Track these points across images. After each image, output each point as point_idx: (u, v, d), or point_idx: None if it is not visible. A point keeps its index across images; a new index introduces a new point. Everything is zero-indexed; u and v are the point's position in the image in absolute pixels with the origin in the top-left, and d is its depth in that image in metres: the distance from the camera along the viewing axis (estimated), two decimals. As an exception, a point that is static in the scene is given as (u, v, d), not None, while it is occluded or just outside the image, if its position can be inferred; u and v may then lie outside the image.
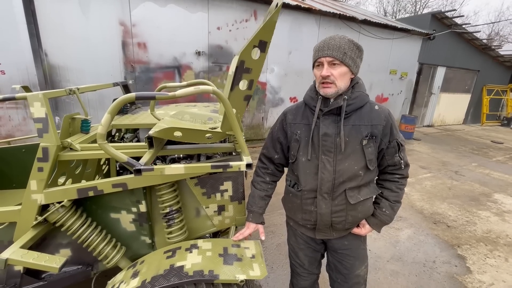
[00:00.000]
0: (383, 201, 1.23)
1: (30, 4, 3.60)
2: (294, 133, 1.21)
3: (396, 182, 1.21)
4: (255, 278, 1.10)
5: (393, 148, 1.14)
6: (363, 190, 1.18)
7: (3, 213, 1.17)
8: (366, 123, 1.10)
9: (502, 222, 3.26)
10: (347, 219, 1.19)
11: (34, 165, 1.14)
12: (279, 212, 3.18)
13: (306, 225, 1.29)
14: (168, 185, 1.29)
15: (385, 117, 1.12)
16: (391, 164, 1.18)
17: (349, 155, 1.11)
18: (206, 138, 1.13)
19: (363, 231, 1.26)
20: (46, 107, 1.14)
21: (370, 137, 1.10)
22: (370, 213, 1.24)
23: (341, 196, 1.15)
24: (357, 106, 1.11)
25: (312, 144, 1.15)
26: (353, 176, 1.13)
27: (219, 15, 4.90)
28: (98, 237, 1.29)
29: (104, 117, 0.86)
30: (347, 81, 1.09)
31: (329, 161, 1.13)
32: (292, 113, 1.25)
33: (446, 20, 8.20)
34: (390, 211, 1.22)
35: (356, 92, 1.12)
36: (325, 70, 1.05)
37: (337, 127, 1.11)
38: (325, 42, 1.06)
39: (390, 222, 1.25)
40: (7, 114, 3.84)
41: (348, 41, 1.05)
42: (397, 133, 1.15)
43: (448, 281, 2.23)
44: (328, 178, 1.13)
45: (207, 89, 0.93)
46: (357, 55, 1.08)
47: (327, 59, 1.04)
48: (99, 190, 1.20)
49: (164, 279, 1.07)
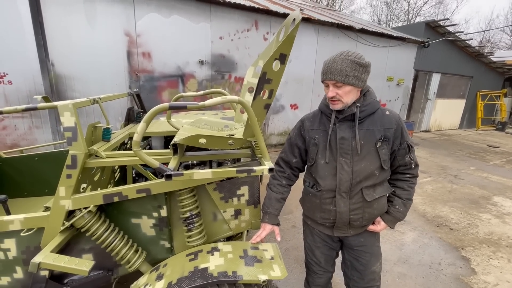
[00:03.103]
0: (396, 199, 1.32)
1: (38, 16, 3.68)
2: (312, 138, 1.31)
3: (407, 181, 1.30)
4: (276, 278, 1.14)
5: (403, 149, 1.23)
6: (378, 189, 1.27)
7: (32, 219, 1.21)
8: (379, 127, 1.20)
9: (502, 224, 3.33)
10: (364, 216, 1.27)
11: (63, 172, 1.19)
12: (285, 217, 3.23)
13: (325, 223, 1.36)
14: (188, 190, 1.34)
15: (395, 121, 1.22)
16: (402, 164, 1.27)
17: (365, 156, 1.21)
18: (228, 144, 1.19)
19: (379, 228, 1.34)
20: (75, 116, 1.20)
21: (384, 140, 1.20)
22: (385, 210, 1.32)
23: (358, 194, 1.24)
24: (369, 112, 1.21)
25: (330, 148, 1.25)
26: (369, 175, 1.22)
27: (221, 26, 5.04)
28: (121, 242, 1.32)
29: (140, 126, 0.92)
30: (354, 95, 1.19)
31: (347, 162, 1.22)
32: (310, 120, 1.35)
33: (440, 28, 8.47)
34: (403, 208, 1.31)
35: (367, 100, 1.22)
36: (330, 92, 1.17)
37: (352, 131, 1.21)
38: (328, 65, 1.16)
39: (403, 218, 1.33)
40: (13, 123, 3.87)
41: (350, 62, 1.12)
42: (407, 136, 1.24)
43: (454, 282, 2.28)
44: (346, 178, 1.22)
45: (233, 99, 1.00)
46: (361, 71, 1.15)
47: (331, 82, 1.16)
48: (124, 196, 1.25)
49: (190, 280, 1.11)
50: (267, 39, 5.63)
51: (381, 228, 1.34)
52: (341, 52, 1.17)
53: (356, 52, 1.18)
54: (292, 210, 3.41)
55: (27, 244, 1.26)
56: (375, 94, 1.26)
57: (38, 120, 3.99)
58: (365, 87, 1.24)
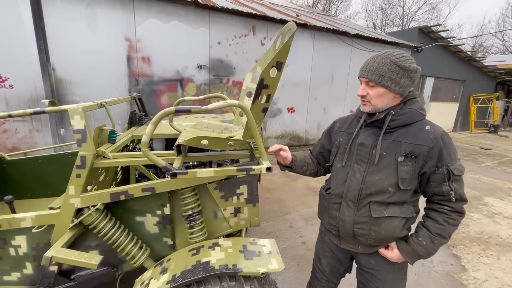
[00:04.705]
0: (422, 230, 1.10)
1: (40, 21, 3.76)
2: (336, 139, 1.28)
3: (443, 214, 1.06)
4: (274, 271, 1.22)
5: (440, 174, 1.02)
6: (391, 208, 1.10)
7: (43, 216, 1.27)
8: (409, 141, 1.04)
9: (493, 223, 3.44)
10: (370, 234, 1.14)
11: (72, 172, 1.26)
12: (283, 218, 3.30)
13: (331, 230, 1.29)
14: (191, 189, 1.42)
15: (434, 138, 1.02)
16: (439, 193, 1.06)
17: (382, 169, 1.08)
18: (228, 145, 1.27)
19: (390, 255, 1.15)
20: (84, 119, 1.27)
21: (408, 156, 1.03)
22: (397, 235, 1.12)
23: (366, 207, 1.12)
24: (403, 123, 1.06)
25: (349, 152, 1.18)
26: (381, 191, 1.09)
27: (219, 31, 5.15)
28: (126, 239, 1.39)
29: (148, 128, 1.00)
30: (387, 100, 1.07)
31: (360, 170, 1.13)
32: (341, 122, 1.33)
33: (432, 34, 8.69)
34: (427, 243, 1.07)
35: (406, 109, 1.07)
36: (361, 90, 1.10)
37: (375, 139, 1.10)
38: (367, 61, 1.08)
39: (426, 256, 1.09)
40: (14, 126, 3.92)
41: (390, 63, 1.01)
42: (449, 159, 1.02)
43: (446, 278, 2.37)
44: (355, 186, 1.14)
45: (234, 103, 1.08)
46: (401, 75, 1.02)
47: (364, 80, 1.08)
48: (130, 194, 1.32)
49: (193, 273, 1.18)
50: (264, 44, 5.76)
51: (393, 257, 1.14)
52: (386, 51, 1.06)
53: (404, 53, 1.05)
54: (290, 211, 3.48)
55: (37, 241, 1.33)
56: (422, 105, 1.09)
57: (38, 123, 4.04)
58: (409, 94, 1.09)
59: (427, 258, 1.11)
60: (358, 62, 7.35)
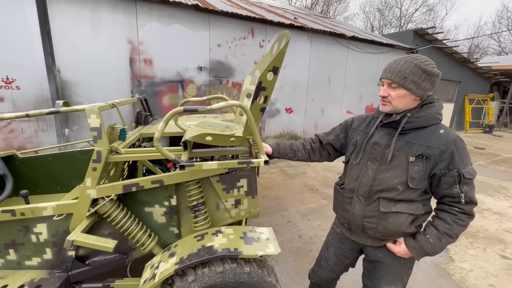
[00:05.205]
0: (430, 228, 1.16)
1: (46, 25, 3.88)
2: (353, 137, 1.35)
3: (453, 214, 1.11)
4: (271, 253, 1.36)
5: (451, 177, 1.07)
6: (400, 204, 1.16)
7: (63, 206, 1.41)
8: (422, 144, 1.10)
9: (482, 218, 3.59)
10: (377, 228, 1.21)
11: (89, 165, 1.39)
12: (281, 213, 3.44)
13: (344, 223, 1.38)
14: (195, 182, 1.56)
15: (446, 142, 1.07)
16: (449, 195, 1.11)
17: (393, 167, 1.14)
18: (230, 141, 1.41)
19: (396, 249, 1.22)
20: (100, 118, 1.41)
21: (420, 157, 1.09)
22: (403, 230, 1.18)
23: (375, 203, 1.20)
24: (418, 125, 1.12)
25: (364, 150, 1.26)
26: (391, 188, 1.15)
27: (219, 34, 5.29)
28: (136, 227, 1.53)
29: (159, 125, 1.14)
30: (407, 102, 1.12)
31: (373, 168, 1.20)
32: (359, 120, 1.39)
33: (427, 36, 8.87)
34: (435, 241, 1.12)
35: (422, 112, 1.12)
36: (383, 90, 1.16)
37: (390, 139, 1.16)
38: (390, 64, 1.13)
39: (432, 253, 1.15)
40: (20, 127, 4.04)
41: (413, 66, 1.06)
42: (461, 162, 1.06)
43: (434, 269, 2.51)
44: (366, 183, 1.22)
45: (235, 104, 1.22)
46: (423, 78, 1.07)
47: (387, 81, 1.13)
48: (140, 186, 1.46)
49: (198, 256, 1.32)
50: (262, 46, 5.90)
51: (399, 251, 1.21)
52: (410, 55, 1.11)
53: (426, 58, 1.10)
54: (287, 208, 3.62)
55: (56, 228, 1.46)
56: (439, 110, 1.15)
57: (44, 123, 4.17)
58: (428, 98, 1.15)
59: (433, 256, 1.17)
60: (354, 63, 7.52)
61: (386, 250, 1.27)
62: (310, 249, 2.71)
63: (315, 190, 4.31)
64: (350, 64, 7.43)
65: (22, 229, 1.45)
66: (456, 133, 1.12)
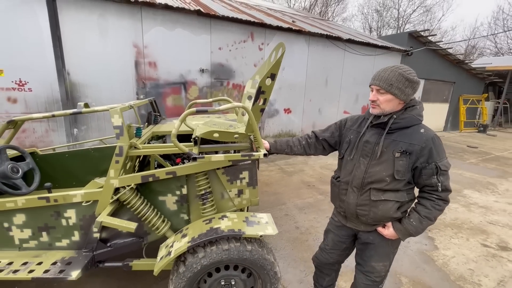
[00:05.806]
0: (413, 213, 1.34)
1: (56, 30, 4.11)
2: (347, 136, 1.52)
3: (431, 200, 1.29)
4: (270, 234, 1.58)
5: (430, 169, 1.25)
6: (387, 193, 1.34)
7: (91, 193, 1.63)
8: (406, 141, 1.27)
9: (468, 211, 3.83)
10: (369, 214, 1.38)
11: (112, 159, 1.62)
12: (279, 207, 3.66)
13: (340, 212, 1.56)
14: (203, 173, 1.78)
15: (426, 139, 1.25)
16: (428, 184, 1.28)
17: (382, 162, 1.32)
18: (234, 138, 1.64)
19: (385, 232, 1.40)
20: (121, 118, 1.63)
21: (404, 153, 1.26)
22: (391, 215, 1.35)
23: (367, 193, 1.37)
24: (402, 126, 1.29)
25: (357, 148, 1.43)
26: (380, 180, 1.33)
27: (220, 37, 5.52)
28: (152, 213, 1.75)
29: (176, 123, 1.36)
30: (393, 105, 1.28)
31: (364, 163, 1.38)
32: (352, 120, 1.56)
33: (421, 38, 9.13)
34: (417, 223, 1.31)
35: (406, 114, 1.30)
36: (372, 95, 1.31)
37: (379, 138, 1.34)
38: (378, 72, 1.29)
39: (415, 234, 1.33)
40: (32, 126, 4.25)
41: (398, 74, 1.23)
42: (438, 157, 1.24)
43: (419, 255, 2.74)
44: (359, 176, 1.39)
45: (239, 105, 1.45)
46: (406, 85, 1.23)
47: (376, 87, 1.29)
48: (156, 177, 1.68)
49: (206, 235, 1.54)
50: (262, 49, 6.13)
51: (388, 233, 1.39)
52: (395, 65, 1.28)
53: (409, 68, 1.27)
54: (285, 202, 3.85)
55: (84, 213, 1.68)
56: (420, 112, 1.32)
57: (54, 124, 4.38)
58: (410, 102, 1.31)
59: (416, 236, 1.36)
60: (350, 65, 7.76)
61: (376, 233, 1.46)
62: (306, 239, 2.93)
63: (312, 186, 4.54)
64: (346, 65, 7.68)
65: (54, 214, 1.67)
66: (434, 131, 1.30)
